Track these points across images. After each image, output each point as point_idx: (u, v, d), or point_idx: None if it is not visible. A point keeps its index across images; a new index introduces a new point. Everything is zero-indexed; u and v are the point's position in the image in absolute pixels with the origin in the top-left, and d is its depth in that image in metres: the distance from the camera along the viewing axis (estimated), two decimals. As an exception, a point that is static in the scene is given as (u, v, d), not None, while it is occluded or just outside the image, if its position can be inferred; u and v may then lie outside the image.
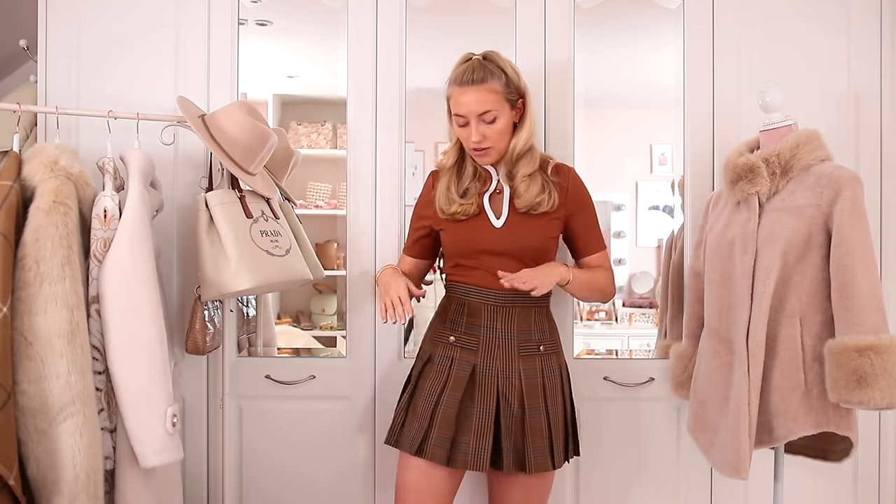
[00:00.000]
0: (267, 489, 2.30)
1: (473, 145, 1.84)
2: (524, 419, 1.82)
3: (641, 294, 2.62)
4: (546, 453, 1.84)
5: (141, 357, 1.70)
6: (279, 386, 2.28)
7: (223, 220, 1.88)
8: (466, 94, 1.81)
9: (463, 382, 1.82)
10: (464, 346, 1.87)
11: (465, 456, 1.79)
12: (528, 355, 1.87)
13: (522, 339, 1.87)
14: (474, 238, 1.88)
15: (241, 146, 1.91)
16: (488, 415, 1.81)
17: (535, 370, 1.87)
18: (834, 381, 1.70)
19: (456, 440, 1.80)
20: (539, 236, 1.88)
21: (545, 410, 1.85)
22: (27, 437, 1.58)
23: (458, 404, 1.81)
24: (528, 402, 1.83)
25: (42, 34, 2.22)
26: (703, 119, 2.31)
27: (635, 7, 2.40)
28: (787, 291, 1.81)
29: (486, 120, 1.82)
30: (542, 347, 1.89)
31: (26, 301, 1.59)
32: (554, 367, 1.90)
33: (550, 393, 1.87)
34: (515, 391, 1.83)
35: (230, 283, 1.85)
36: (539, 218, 1.88)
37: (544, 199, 1.87)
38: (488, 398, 1.82)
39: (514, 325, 1.87)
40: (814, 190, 1.79)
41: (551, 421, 1.85)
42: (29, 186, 1.66)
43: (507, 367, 1.85)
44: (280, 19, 2.37)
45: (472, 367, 1.84)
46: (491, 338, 1.86)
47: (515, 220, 1.88)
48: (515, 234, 1.87)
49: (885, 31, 2.32)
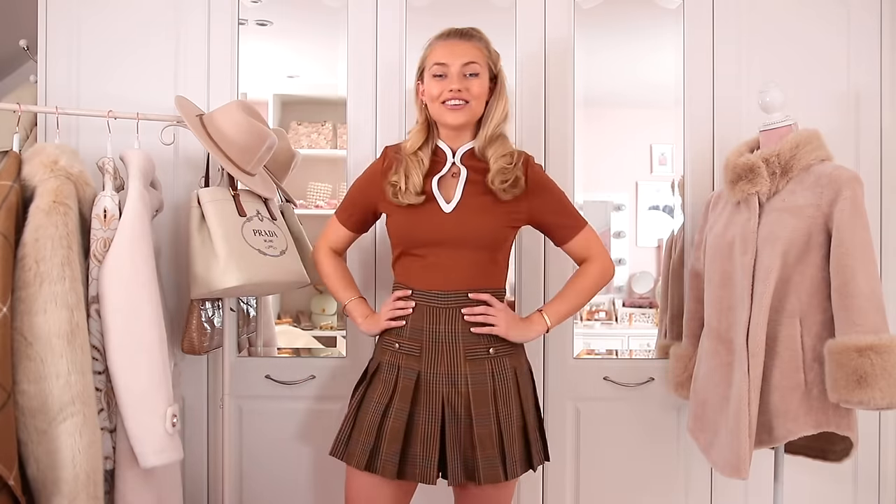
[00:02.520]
0: (267, 489, 2.30)
1: (450, 95, 1.71)
2: (472, 428, 1.69)
3: (641, 294, 2.61)
4: (497, 464, 1.68)
5: (141, 357, 1.70)
6: (279, 386, 2.28)
7: (214, 216, 1.88)
8: (453, 45, 1.74)
9: (409, 392, 1.71)
10: (409, 353, 1.74)
11: (415, 468, 1.69)
12: (475, 359, 1.73)
13: (469, 342, 1.73)
14: (420, 225, 1.75)
15: (238, 146, 1.91)
16: (434, 424, 1.70)
17: (484, 374, 1.73)
18: (834, 381, 1.70)
19: (405, 452, 1.70)
20: (493, 224, 1.74)
21: (496, 418, 1.70)
22: (27, 437, 1.58)
23: (405, 416, 1.70)
24: (475, 410, 1.69)
25: (42, 34, 2.22)
26: (703, 119, 2.31)
27: (635, 7, 2.40)
28: (787, 291, 1.81)
29: (467, 73, 1.72)
30: (493, 350, 1.75)
31: (26, 301, 1.59)
32: (507, 371, 1.75)
33: (503, 399, 1.72)
34: (462, 398, 1.70)
35: (218, 279, 1.84)
36: (498, 205, 1.74)
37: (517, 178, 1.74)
38: (434, 407, 1.71)
39: (459, 327, 1.73)
40: (814, 190, 1.79)
41: (503, 429, 1.70)
42: (29, 186, 1.66)
43: (452, 372, 1.72)
44: (280, 19, 2.37)
45: (417, 374, 1.72)
46: (434, 342, 1.73)
47: (468, 205, 1.74)
48: (466, 220, 1.73)
49: (885, 32, 2.32)
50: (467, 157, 1.79)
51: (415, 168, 1.76)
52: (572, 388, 2.31)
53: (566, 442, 2.32)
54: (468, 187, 1.76)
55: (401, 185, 1.75)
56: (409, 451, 1.70)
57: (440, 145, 1.80)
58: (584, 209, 2.38)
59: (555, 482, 2.32)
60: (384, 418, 1.71)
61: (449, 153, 1.79)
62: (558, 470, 2.32)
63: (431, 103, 1.76)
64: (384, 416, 1.71)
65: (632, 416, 2.32)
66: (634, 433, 2.32)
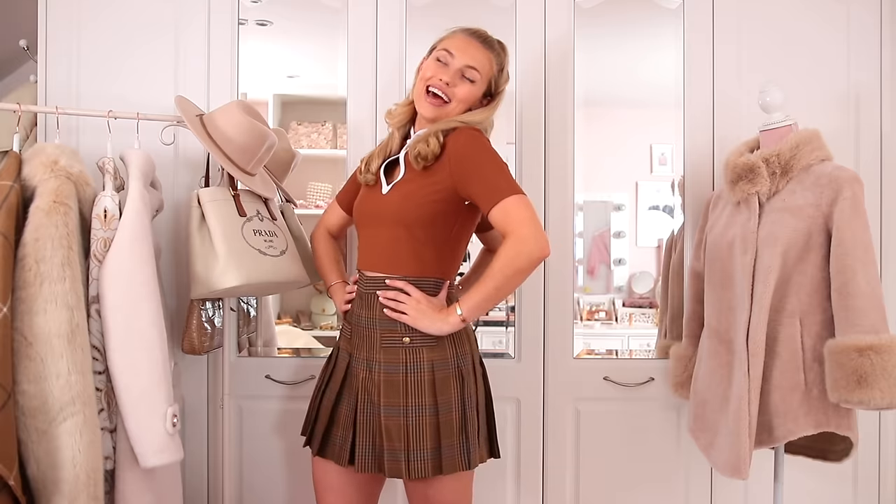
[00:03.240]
0: (267, 489, 2.30)
1: (437, 83, 1.70)
2: (380, 417, 1.65)
3: (641, 294, 2.61)
4: (400, 458, 1.63)
5: (141, 357, 1.70)
6: (279, 386, 2.28)
7: (214, 216, 1.88)
8: (469, 43, 1.73)
9: (341, 373, 1.76)
10: (346, 336, 1.80)
11: (333, 448, 1.74)
12: (389, 347, 1.68)
13: (385, 329, 1.69)
14: (359, 206, 1.82)
15: (238, 146, 1.91)
16: (350, 408, 1.72)
17: (398, 364, 1.66)
18: (834, 381, 1.70)
19: (328, 432, 1.76)
20: (413, 197, 1.66)
21: (404, 412, 1.63)
22: (27, 437, 1.58)
23: (334, 395, 1.76)
24: (384, 400, 1.65)
25: (42, 34, 2.22)
26: (703, 119, 2.31)
27: (635, 7, 2.40)
28: (787, 291, 1.81)
29: (465, 74, 1.71)
30: (408, 340, 1.67)
31: (26, 301, 1.59)
32: (422, 364, 1.66)
33: (416, 391, 1.64)
34: (375, 386, 1.68)
35: (218, 279, 1.84)
36: (419, 177, 1.68)
37: (431, 147, 1.66)
38: (353, 390, 1.73)
39: (377, 312, 1.70)
40: (814, 190, 1.79)
41: (410, 424, 1.63)
42: (29, 186, 1.66)
43: (370, 358, 1.70)
44: (280, 19, 2.37)
45: (349, 357, 1.77)
46: (359, 326, 1.74)
47: (401, 185, 1.71)
48: (394, 198, 1.70)
49: (885, 31, 2.33)
50: None
51: (381, 151, 1.82)
52: (572, 388, 2.31)
53: (566, 442, 2.32)
54: (408, 169, 1.72)
55: (360, 167, 1.84)
56: (332, 431, 1.76)
57: (411, 132, 1.81)
58: (584, 209, 2.39)
59: (555, 482, 2.32)
60: (323, 398, 1.80)
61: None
62: (558, 470, 2.32)
63: (420, 81, 1.76)
64: (323, 396, 1.80)
65: (632, 416, 2.32)
66: (634, 433, 2.32)
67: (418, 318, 1.65)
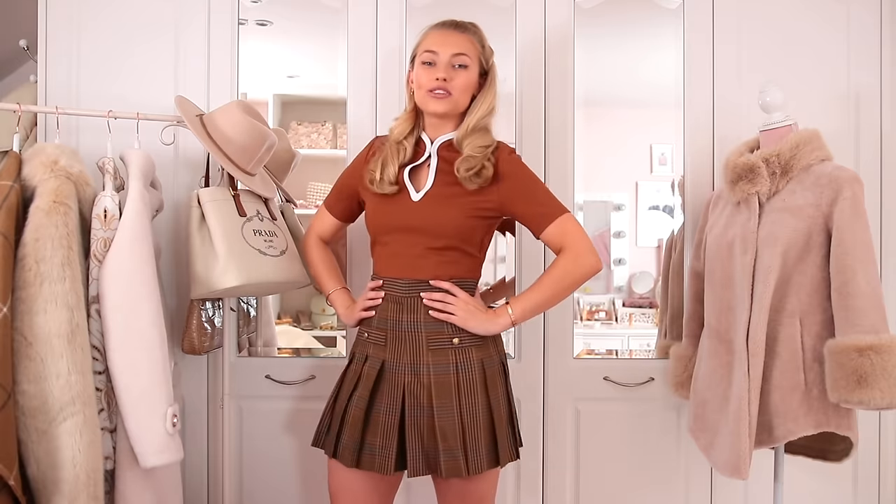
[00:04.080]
0: (267, 489, 2.30)
1: (435, 84, 1.71)
2: (433, 419, 1.67)
3: (641, 294, 2.61)
4: (458, 456, 1.65)
5: (141, 357, 1.70)
6: (279, 386, 2.28)
7: (214, 216, 1.88)
8: (446, 35, 1.75)
9: (371, 381, 1.71)
10: (375, 342, 1.75)
11: (372, 458, 1.69)
12: (438, 349, 1.70)
13: (432, 332, 1.71)
14: (387, 213, 1.76)
15: (238, 146, 1.91)
16: (393, 414, 1.69)
17: (448, 365, 1.70)
18: (834, 381, 1.70)
19: (364, 441, 1.70)
20: (457, 214, 1.71)
21: (458, 410, 1.68)
22: (27, 437, 1.58)
23: (365, 403, 1.70)
24: (437, 402, 1.67)
25: (42, 34, 2.22)
26: (703, 119, 2.31)
27: (635, 7, 2.40)
28: (787, 291, 1.81)
29: (455, 63, 1.72)
30: (457, 340, 1.71)
31: (26, 301, 1.59)
32: (473, 363, 1.71)
33: (468, 391, 1.69)
34: (424, 389, 1.68)
35: (218, 279, 1.84)
36: (464, 195, 1.72)
37: (483, 168, 1.70)
38: (395, 397, 1.70)
39: (422, 316, 1.71)
40: (814, 190, 1.79)
41: (466, 422, 1.67)
42: (29, 186, 1.66)
43: (415, 362, 1.70)
44: (280, 19, 2.37)
45: (382, 363, 1.72)
46: (397, 331, 1.72)
47: (436, 194, 1.73)
48: (431, 209, 1.72)
49: (885, 31, 2.33)
50: (444, 147, 1.78)
51: (393, 158, 1.77)
52: (572, 388, 2.31)
53: (566, 442, 2.32)
54: (439, 177, 1.75)
55: (376, 174, 1.76)
56: (368, 440, 1.70)
57: (423, 136, 1.80)
58: (584, 209, 2.39)
59: (555, 482, 2.32)
60: (348, 406, 1.73)
61: (429, 143, 1.79)
62: (558, 470, 2.32)
63: (418, 90, 1.76)
64: (348, 404, 1.73)
65: (632, 416, 2.32)
66: (634, 433, 2.32)
67: (467, 318, 1.71)
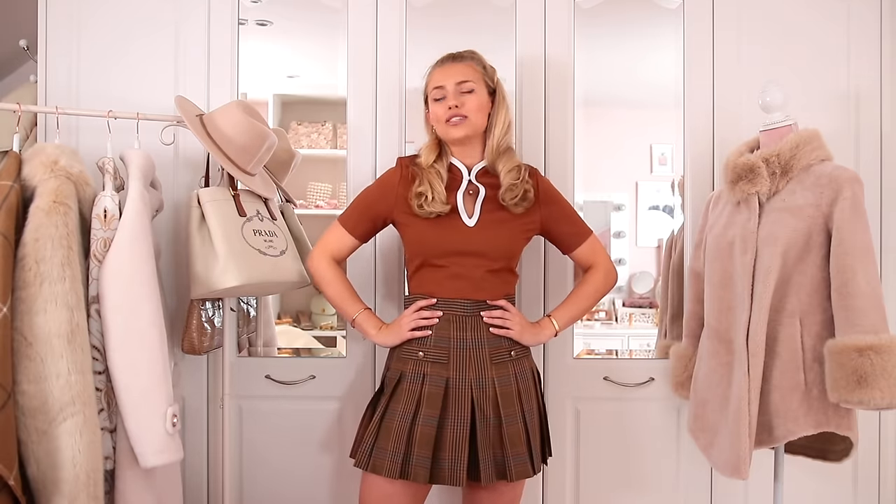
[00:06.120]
0: (267, 489, 2.30)
1: (449, 113, 1.82)
2: (501, 428, 1.79)
3: (641, 294, 2.61)
4: (526, 460, 1.80)
5: (141, 357, 1.70)
6: (279, 386, 2.28)
7: (214, 216, 1.88)
8: (447, 68, 1.87)
9: (438, 399, 1.78)
10: (435, 361, 1.81)
11: (444, 472, 1.76)
12: (500, 362, 1.83)
13: (493, 347, 1.83)
14: (444, 236, 1.83)
15: (238, 146, 1.91)
16: (463, 428, 1.77)
17: (509, 376, 1.83)
18: (834, 381, 1.70)
19: (435, 457, 1.76)
20: (510, 236, 1.86)
21: (522, 416, 1.82)
22: (27, 437, 1.58)
23: (434, 422, 1.76)
24: (504, 411, 1.79)
25: (42, 34, 2.22)
26: (703, 119, 2.31)
27: (635, 7, 2.40)
28: (787, 291, 1.81)
29: (463, 90, 1.83)
30: (514, 352, 1.86)
31: (26, 301, 1.59)
32: (526, 371, 1.88)
33: (526, 398, 1.84)
34: (490, 400, 1.79)
35: (218, 279, 1.84)
36: (512, 219, 1.86)
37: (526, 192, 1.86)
38: (463, 411, 1.78)
39: (484, 334, 1.83)
40: (814, 190, 1.79)
41: (528, 426, 1.83)
42: (29, 186, 1.66)
43: (480, 377, 1.80)
44: (280, 19, 2.37)
45: (446, 381, 1.79)
46: (461, 349, 1.82)
47: (488, 220, 1.85)
48: (487, 233, 1.84)
49: (886, 31, 2.32)
50: (481, 174, 1.89)
51: (436, 180, 1.85)
52: (572, 388, 2.31)
53: (566, 442, 2.32)
54: (485, 204, 1.86)
55: (427, 195, 1.82)
56: (439, 455, 1.77)
57: (454, 162, 1.90)
58: (584, 209, 2.38)
59: (555, 482, 2.32)
60: (413, 426, 1.77)
61: (464, 170, 1.89)
62: (558, 470, 2.32)
63: (437, 124, 1.87)
64: (413, 423, 1.77)
65: (632, 416, 2.32)
66: (634, 433, 2.32)
67: (523, 332, 1.86)
